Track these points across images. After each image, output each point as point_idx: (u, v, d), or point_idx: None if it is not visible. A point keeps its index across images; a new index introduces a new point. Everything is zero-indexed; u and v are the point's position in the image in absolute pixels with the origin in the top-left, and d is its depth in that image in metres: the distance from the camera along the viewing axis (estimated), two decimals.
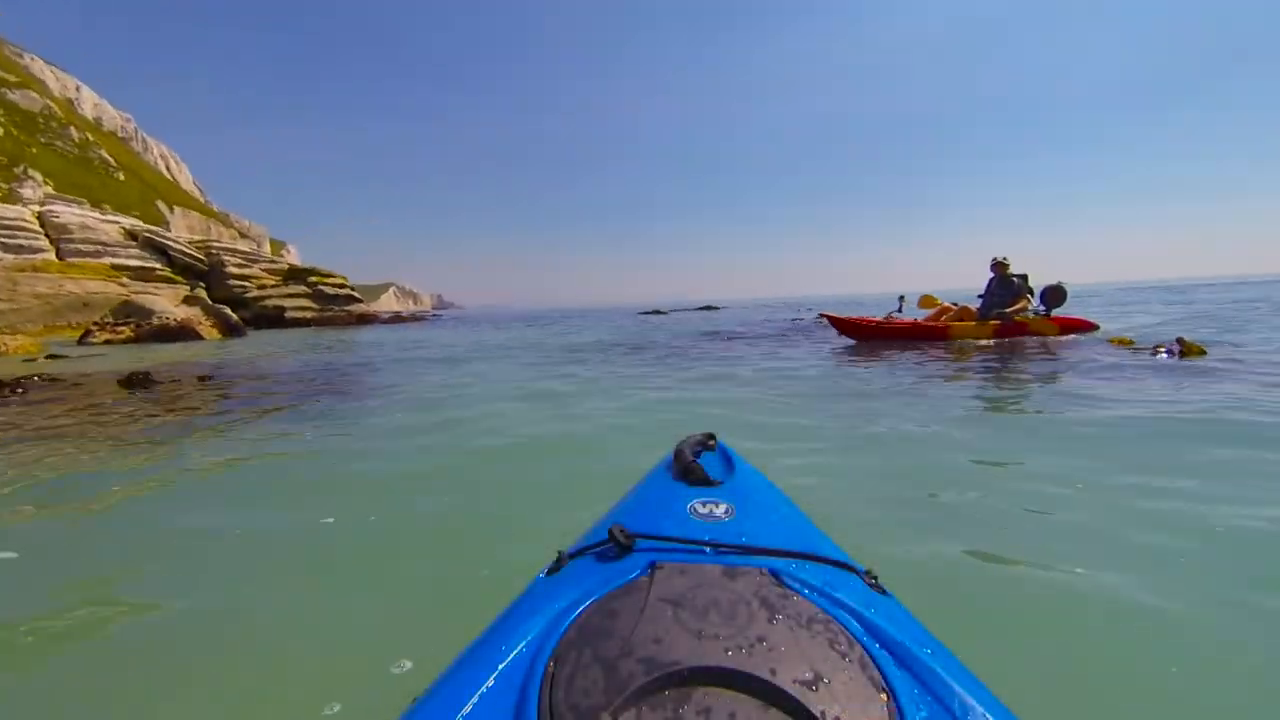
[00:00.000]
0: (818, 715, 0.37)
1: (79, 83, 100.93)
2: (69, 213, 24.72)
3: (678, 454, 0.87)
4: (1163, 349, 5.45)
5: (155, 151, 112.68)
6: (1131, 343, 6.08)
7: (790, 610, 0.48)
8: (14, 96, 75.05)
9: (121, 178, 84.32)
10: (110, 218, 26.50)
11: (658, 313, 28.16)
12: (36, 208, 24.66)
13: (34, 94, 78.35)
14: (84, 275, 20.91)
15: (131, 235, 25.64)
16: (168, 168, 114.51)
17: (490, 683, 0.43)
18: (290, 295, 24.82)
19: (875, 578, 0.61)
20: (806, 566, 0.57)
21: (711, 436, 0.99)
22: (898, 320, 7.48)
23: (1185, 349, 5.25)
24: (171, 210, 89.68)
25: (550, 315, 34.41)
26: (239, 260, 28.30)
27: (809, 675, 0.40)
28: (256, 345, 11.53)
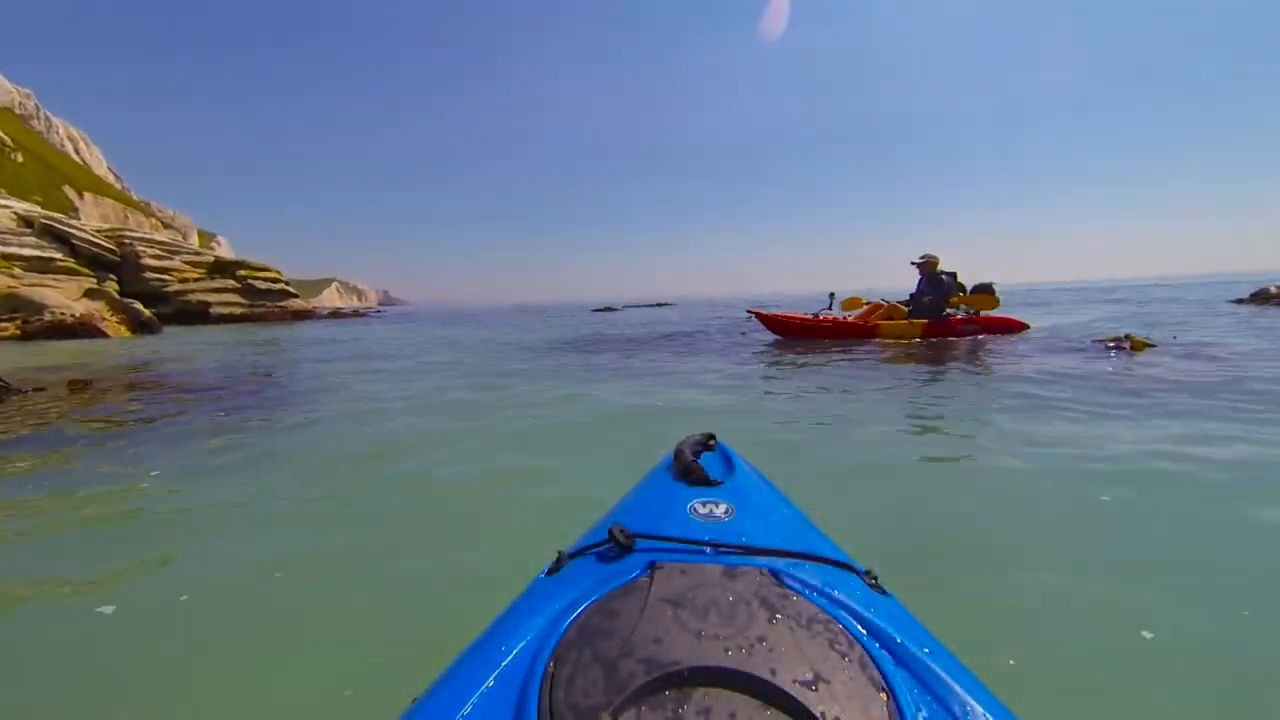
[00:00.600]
0: (818, 715, 0.38)
1: None
2: None
3: (678, 454, 0.87)
4: (1111, 343, 5.71)
5: (61, 132, 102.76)
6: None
7: (790, 610, 0.48)
8: None
9: (20, 159, 76.36)
10: (2, 202, 23.65)
11: (610, 310, 28.21)
12: None
13: None
14: None
15: (27, 222, 22.97)
16: (76, 150, 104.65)
17: (490, 683, 0.44)
18: (216, 290, 22.90)
19: (875, 578, 0.61)
20: (806, 566, 0.58)
21: (711, 436, 0.98)
22: (827, 318, 7.23)
23: (1134, 345, 5.51)
24: (81, 197, 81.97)
25: (500, 312, 33.42)
26: (157, 251, 25.92)
27: (809, 675, 0.41)
28: (170, 343, 10.39)
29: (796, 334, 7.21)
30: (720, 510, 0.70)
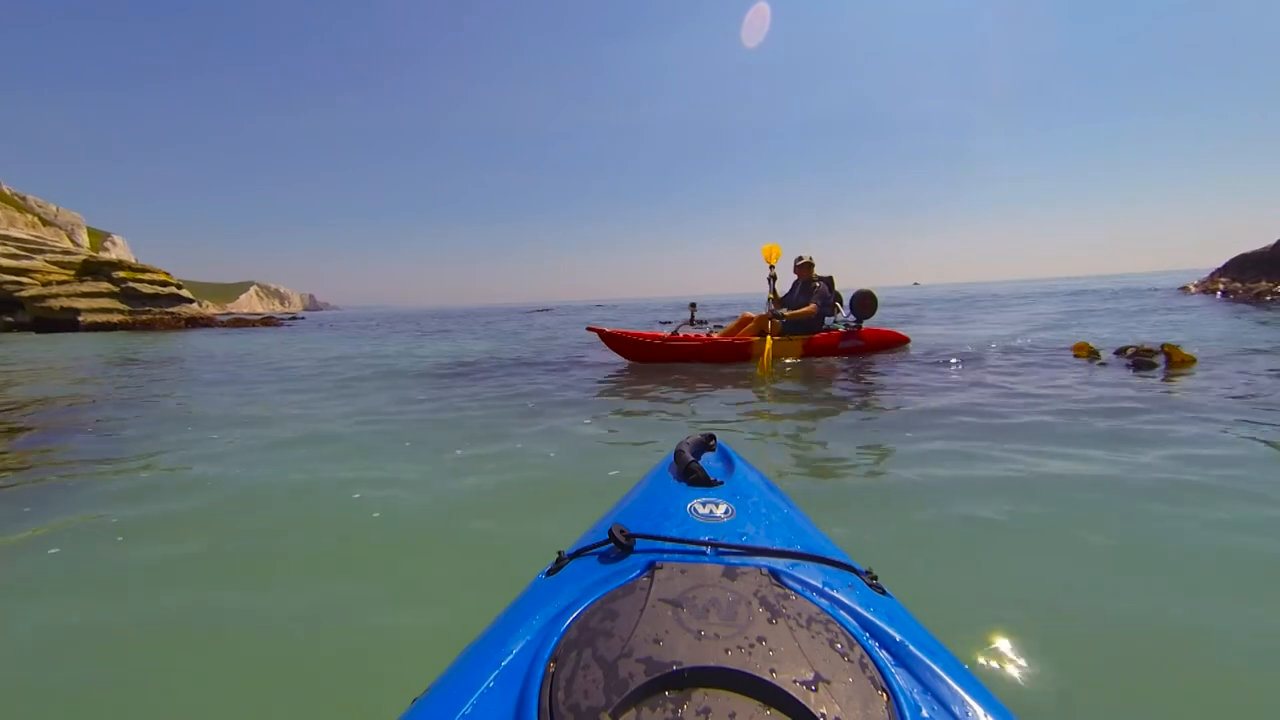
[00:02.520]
0: (817, 715, 0.38)
1: None
2: None
3: (678, 454, 0.87)
4: (1133, 354, 4.38)
5: None
6: (1095, 353, 4.74)
7: (790, 610, 0.48)
8: None
9: None
10: None
11: (545, 310, 27.98)
12: None
13: None
14: None
15: None
16: None
17: (490, 683, 0.44)
18: (87, 294, 19.80)
19: (875, 578, 0.61)
20: (806, 567, 0.58)
21: (711, 437, 0.98)
22: (688, 335, 5.52)
23: (1175, 359, 4.05)
24: None
25: (431, 315, 31.22)
26: (11, 249, 22.36)
27: (809, 675, 0.41)
28: None
29: (649, 357, 5.47)
30: (720, 510, 0.70)
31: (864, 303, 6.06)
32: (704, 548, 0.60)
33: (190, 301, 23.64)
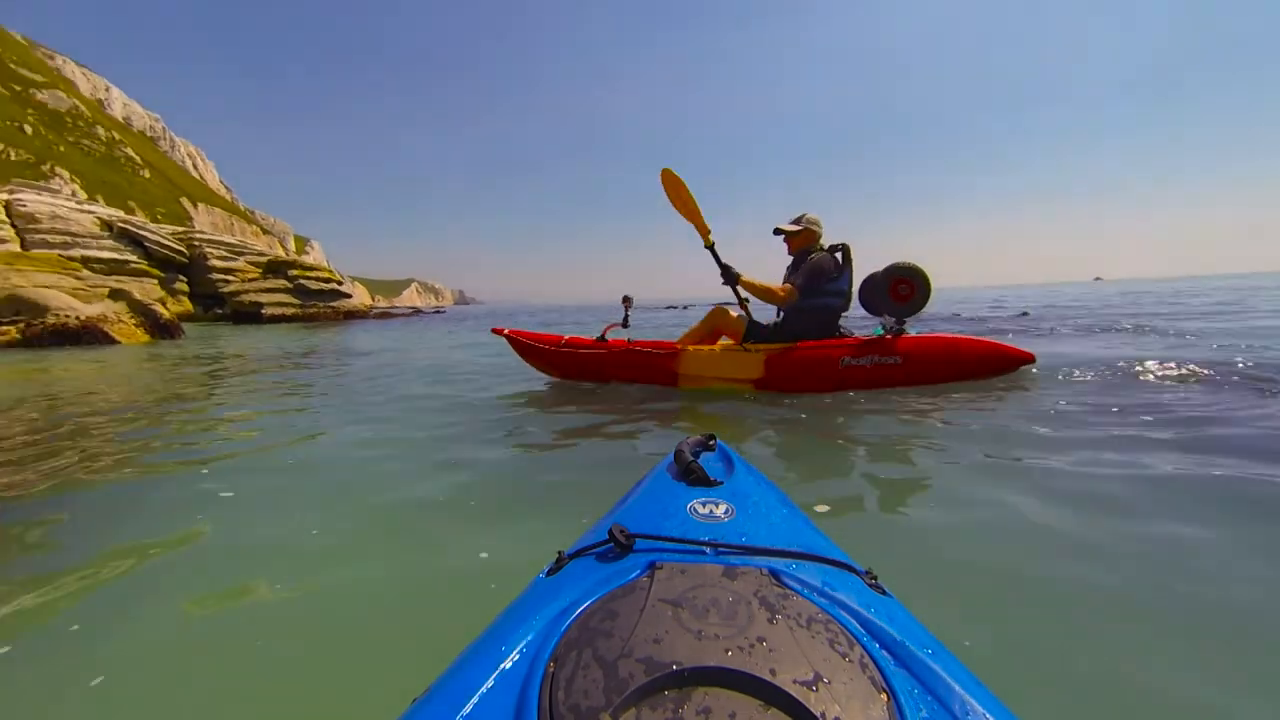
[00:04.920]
0: (817, 715, 0.38)
1: (109, 83, 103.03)
2: (38, 201, 23.09)
3: (678, 454, 0.86)
4: None
5: (183, 150, 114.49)
6: None
7: (790, 610, 0.48)
8: (43, 96, 76.27)
9: (147, 175, 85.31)
10: (86, 208, 24.86)
11: (673, 308, 26.69)
12: (4, 195, 23.10)
13: (61, 94, 79.41)
14: (35, 268, 19.12)
15: (107, 226, 23.97)
16: (195, 166, 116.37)
17: (490, 683, 0.44)
18: (268, 290, 22.73)
19: (875, 578, 0.60)
20: (807, 566, 0.57)
21: (711, 437, 0.97)
22: (615, 341, 3.57)
23: None
24: (195, 207, 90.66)
25: (552, 310, 32.07)
26: (223, 252, 26.44)
27: (809, 675, 0.41)
28: (171, 351, 9.19)
29: (560, 367, 3.68)
30: (720, 510, 0.70)
31: (896, 288, 3.04)
32: (704, 548, 0.60)
33: (348, 296, 26.25)
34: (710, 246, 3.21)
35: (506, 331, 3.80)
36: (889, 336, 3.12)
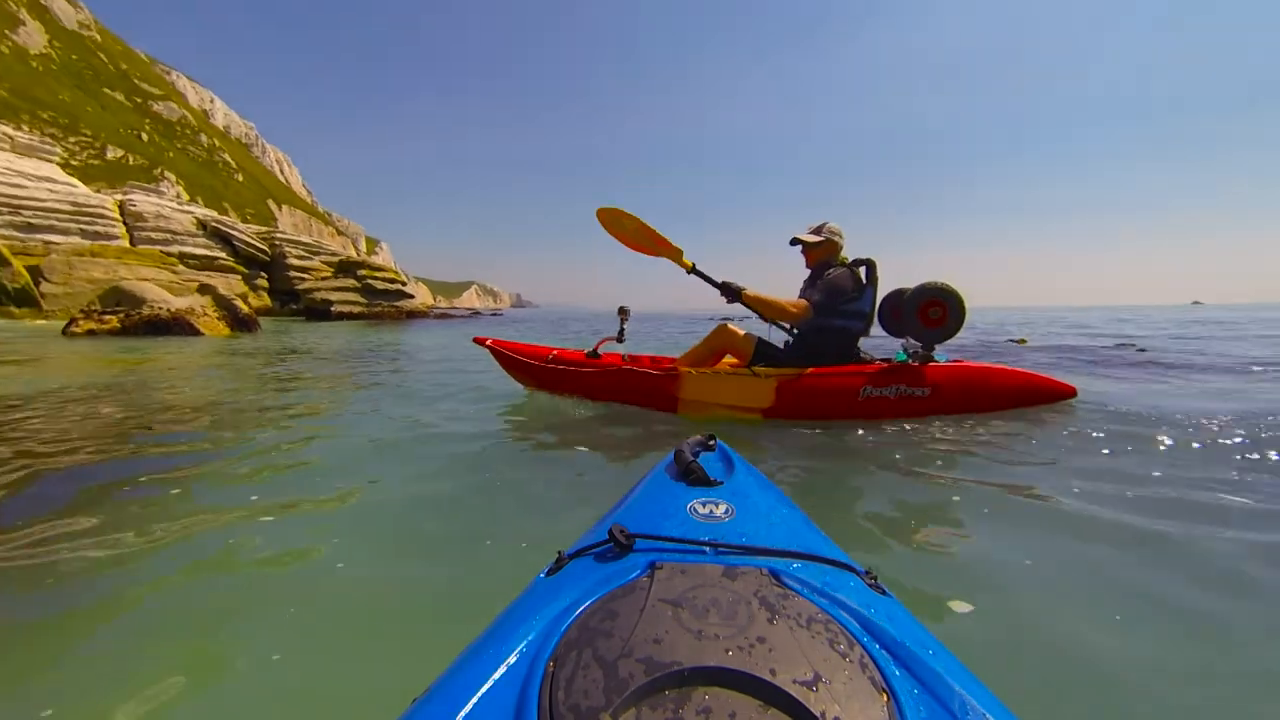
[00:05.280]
0: (817, 715, 0.38)
1: (214, 95, 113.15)
2: (146, 202, 25.39)
3: (678, 454, 0.86)
4: None
5: (272, 156, 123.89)
6: None
7: (790, 610, 0.48)
8: (158, 108, 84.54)
9: (240, 179, 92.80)
10: (185, 208, 27.13)
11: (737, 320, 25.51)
12: (119, 196, 25.52)
13: (174, 105, 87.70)
14: (140, 262, 20.97)
15: (202, 225, 26.03)
16: (281, 171, 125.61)
17: (490, 683, 0.44)
18: (338, 289, 23.92)
19: (875, 578, 0.60)
20: (806, 566, 0.57)
21: (711, 437, 0.97)
22: (609, 356, 3.17)
23: None
24: (280, 208, 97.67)
25: (601, 317, 31.97)
26: (300, 252, 28.20)
27: (809, 675, 0.41)
28: (245, 345, 9.72)
29: (547, 384, 3.29)
30: (720, 510, 0.69)
31: (926, 311, 2.67)
32: (704, 547, 0.60)
33: (411, 297, 27.30)
34: (692, 269, 2.87)
35: (489, 342, 3.40)
36: (915, 364, 2.74)
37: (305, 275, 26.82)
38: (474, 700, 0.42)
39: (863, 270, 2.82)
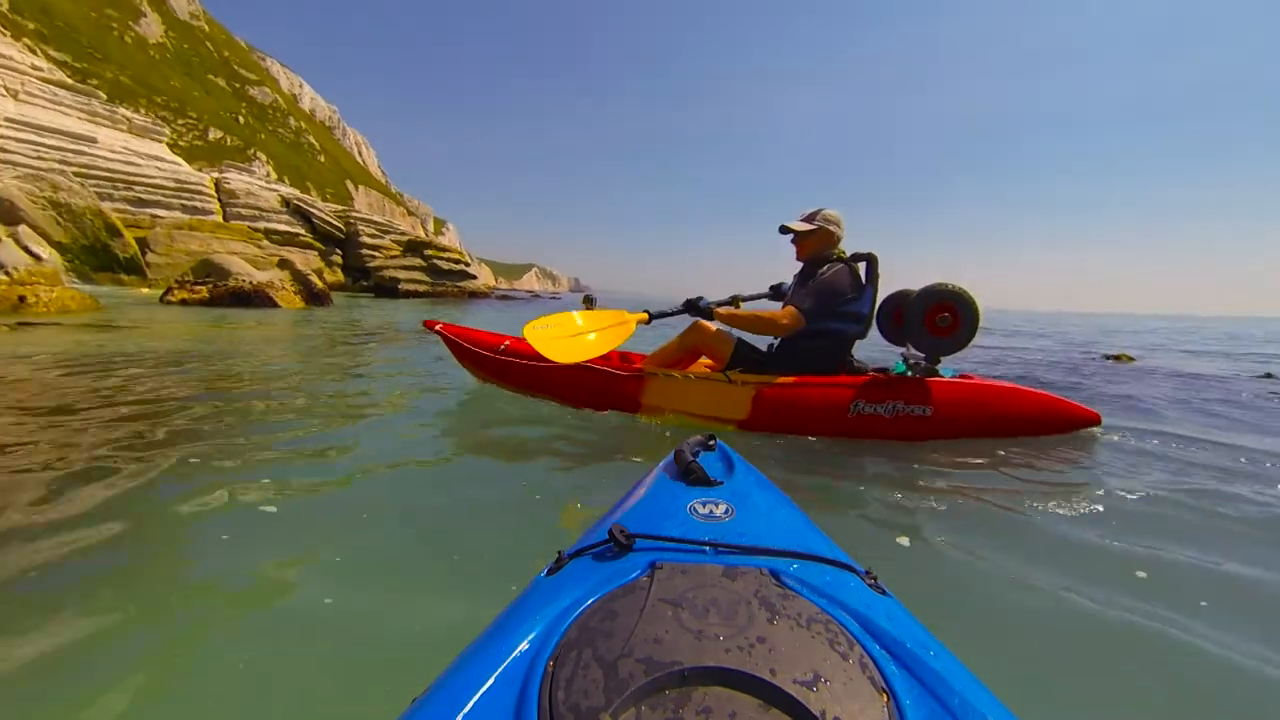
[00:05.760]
0: (817, 715, 0.38)
1: (303, 80, 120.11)
2: (239, 180, 27.24)
3: (678, 454, 0.86)
4: None
5: (352, 139, 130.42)
6: None
7: (790, 610, 0.48)
8: (254, 92, 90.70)
9: (323, 160, 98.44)
10: (272, 186, 28.89)
11: None
12: (216, 174, 27.48)
13: (267, 89, 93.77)
14: (230, 236, 22.52)
15: (285, 202, 27.64)
16: (360, 153, 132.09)
17: (490, 683, 0.44)
18: (405, 267, 24.84)
19: (875, 578, 0.60)
20: (807, 566, 0.57)
21: (711, 437, 0.97)
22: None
23: None
24: (356, 189, 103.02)
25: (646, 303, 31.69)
26: (372, 230, 29.47)
27: (809, 675, 0.41)
28: (317, 318, 10.25)
29: (500, 377, 2.97)
30: (720, 510, 0.69)
31: (934, 317, 2.32)
32: (704, 547, 0.60)
33: (474, 278, 28.01)
34: (649, 319, 2.57)
35: (439, 327, 3.05)
36: (917, 378, 2.35)
37: (376, 253, 28.02)
38: (474, 700, 0.41)
39: (862, 267, 2.46)
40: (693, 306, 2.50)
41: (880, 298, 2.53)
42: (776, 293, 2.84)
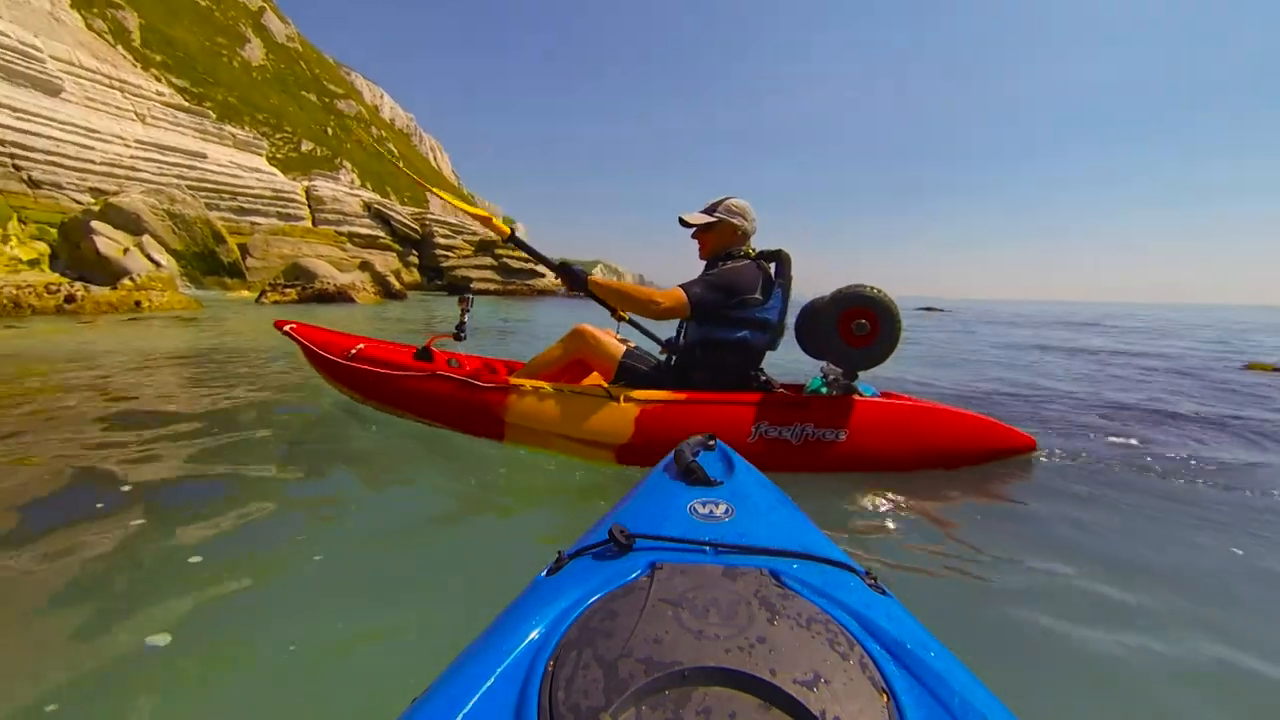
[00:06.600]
0: (817, 715, 0.38)
1: (383, 91, 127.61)
2: (326, 187, 29.02)
3: (678, 454, 0.86)
4: None
5: (428, 144, 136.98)
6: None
7: (790, 610, 0.48)
8: (341, 105, 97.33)
9: (402, 165, 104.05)
10: (355, 192, 30.57)
11: (930, 309, 24.18)
12: (306, 182, 29.42)
13: (352, 102, 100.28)
14: (319, 240, 23.98)
15: (367, 206, 29.17)
16: (435, 158, 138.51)
17: (490, 683, 0.44)
18: (477, 266, 25.61)
19: (875, 578, 0.60)
20: (806, 566, 0.57)
21: (711, 437, 0.97)
22: (443, 356, 2.44)
23: None
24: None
25: None
26: (446, 231, 30.54)
27: (809, 675, 0.41)
28: (391, 312, 10.85)
29: (350, 387, 2.46)
30: (720, 510, 0.69)
31: (848, 323, 1.87)
32: (704, 547, 0.59)
33: (542, 276, 28.38)
34: (510, 236, 2.17)
35: (289, 328, 2.63)
36: (832, 395, 2.00)
37: (449, 253, 29.03)
38: (474, 700, 0.41)
39: (772, 267, 2.07)
40: (567, 270, 2.03)
41: (798, 302, 2.14)
42: None
